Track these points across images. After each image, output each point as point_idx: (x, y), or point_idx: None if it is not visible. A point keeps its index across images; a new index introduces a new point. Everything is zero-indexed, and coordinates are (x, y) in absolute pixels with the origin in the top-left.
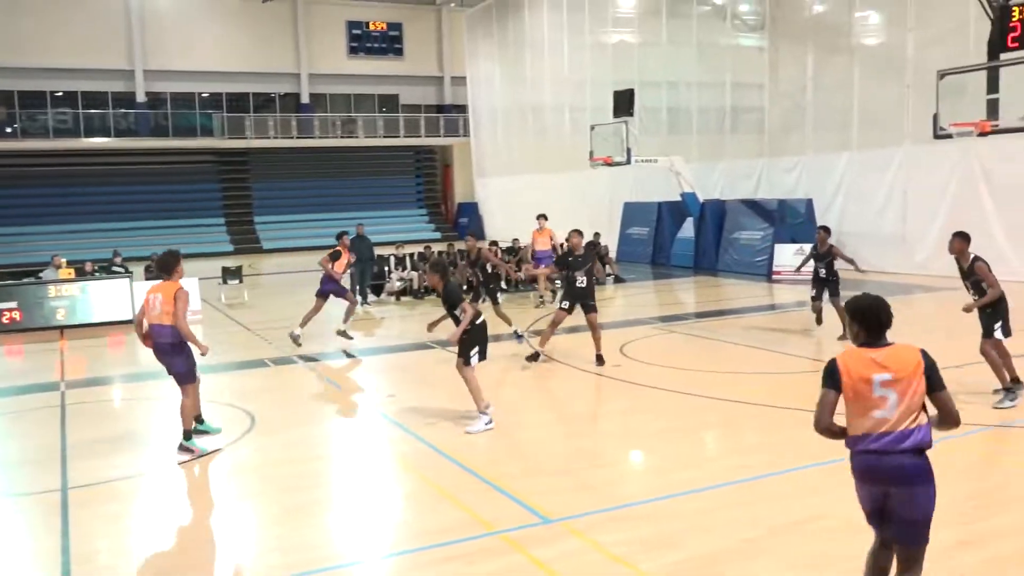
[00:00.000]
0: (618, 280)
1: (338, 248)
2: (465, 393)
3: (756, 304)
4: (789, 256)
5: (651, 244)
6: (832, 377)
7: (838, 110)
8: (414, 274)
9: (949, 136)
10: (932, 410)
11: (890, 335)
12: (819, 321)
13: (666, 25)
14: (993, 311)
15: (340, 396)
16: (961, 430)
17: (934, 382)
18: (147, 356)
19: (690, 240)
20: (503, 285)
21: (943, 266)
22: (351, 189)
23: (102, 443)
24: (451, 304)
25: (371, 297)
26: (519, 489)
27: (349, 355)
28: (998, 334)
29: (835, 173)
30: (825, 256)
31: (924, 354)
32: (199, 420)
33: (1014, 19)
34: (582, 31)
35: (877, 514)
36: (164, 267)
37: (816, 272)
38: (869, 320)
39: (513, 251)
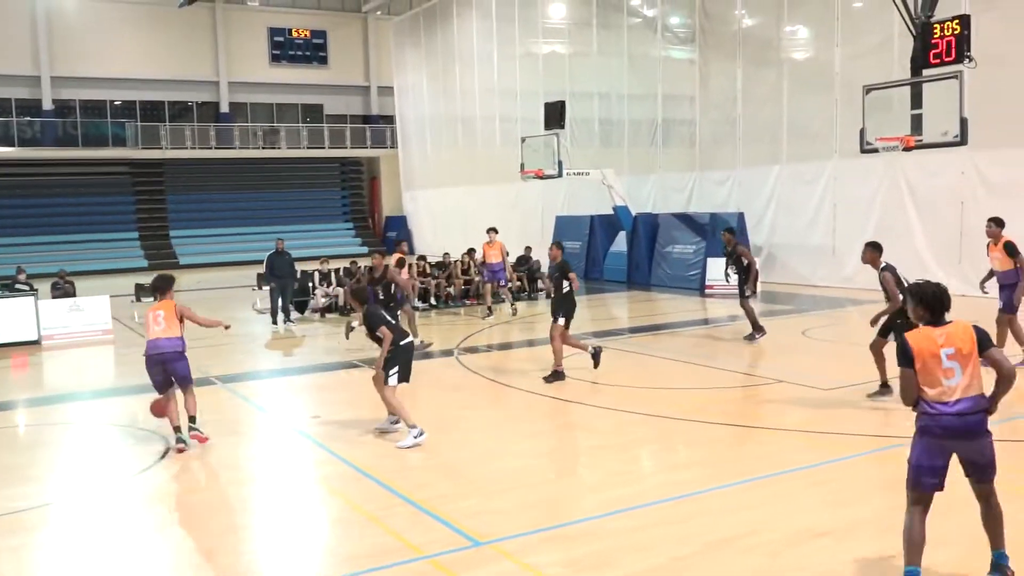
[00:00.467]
0: (550, 295)
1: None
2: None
3: (689, 319)
4: (722, 270)
5: (584, 258)
6: (906, 356)
7: (768, 123)
8: (339, 290)
9: (875, 150)
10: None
11: (814, 345)
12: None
13: (597, 36)
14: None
15: (262, 418)
16: (888, 443)
17: (984, 343)
18: (52, 379)
19: (623, 254)
20: (418, 303)
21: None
22: (273, 202)
23: (4, 471)
24: (370, 328)
25: (294, 315)
26: (449, 511)
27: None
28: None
29: (766, 186)
30: (731, 255)
31: (976, 328)
32: (192, 420)
33: (936, 36)
34: (512, 41)
35: (943, 470)
36: (160, 288)
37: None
38: (933, 304)
39: (443, 266)
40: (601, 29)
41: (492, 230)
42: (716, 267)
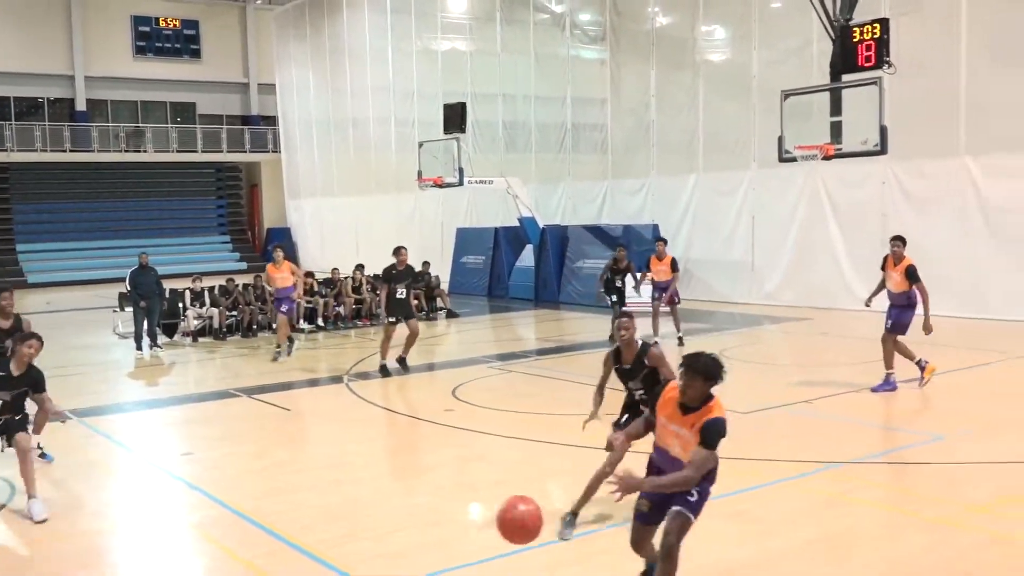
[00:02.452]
0: (451, 315)
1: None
2: (275, 445)
3: (601, 339)
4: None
5: (487, 274)
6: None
7: (683, 129)
8: (214, 311)
9: (794, 159)
10: None
11: (731, 366)
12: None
13: (501, 33)
14: None
15: (126, 457)
16: (805, 468)
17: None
18: None
19: (530, 270)
20: (304, 325)
21: (793, 296)
22: (137, 212)
23: None
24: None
25: (161, 339)
26: (338, 557)
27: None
28: None
29: (682, 196)
30: (622, 272)
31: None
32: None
33: (855, 40)
34: (408, 36)
35: None
36: None
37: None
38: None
39: (331, 283)
40: (506, 25)
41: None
42: (629, 283)
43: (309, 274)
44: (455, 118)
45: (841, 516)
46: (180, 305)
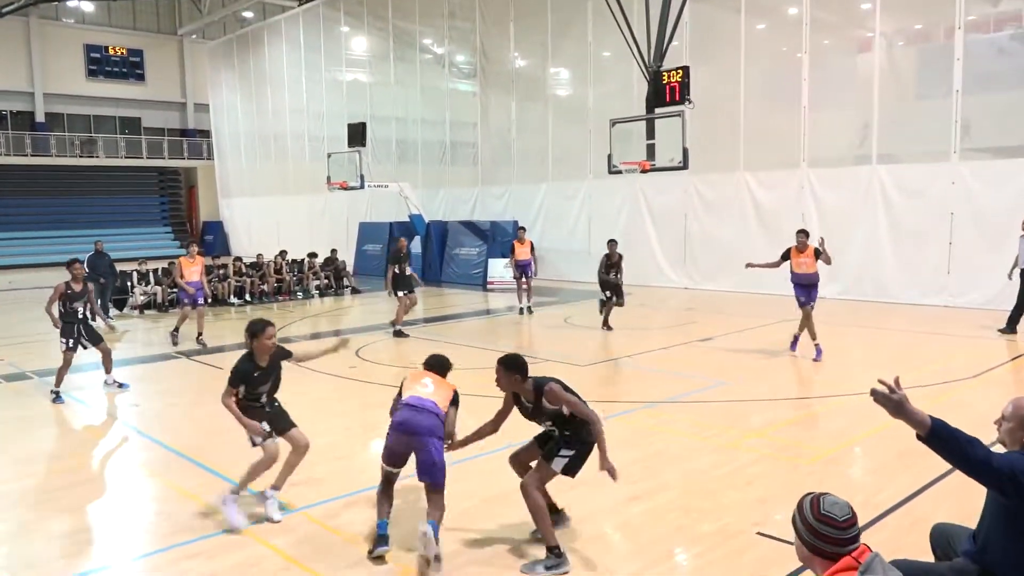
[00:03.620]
0: (355, 291)
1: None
2: (209, 398)
3: (474, 310)
4: (500, 269)
5: (383, 259)
6: None
7: (537, 148)
8: (158, 288)
9: (620, 172)
10: None
11: (573, 330)
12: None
13: (394, 68)
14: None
15: (82, 410)
16: (628, 407)
17: None
18: None
19: (418, 256)
20: (234, 299)
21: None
22: (92, 208)
23: None
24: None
25: (113, 311)
26: (264, 485)
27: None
28: None
29: (536, 200)
30: (616, 266)
31: None
32: None
33: (664, 81)
34: (319, 69)
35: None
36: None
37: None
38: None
39: (257, 266)
40: (398, 62)
41: (193, 242)
42: (496, 266)
43: (237, 258)
44: (357, 135)
45: (655, 443)
46: (129, 284)
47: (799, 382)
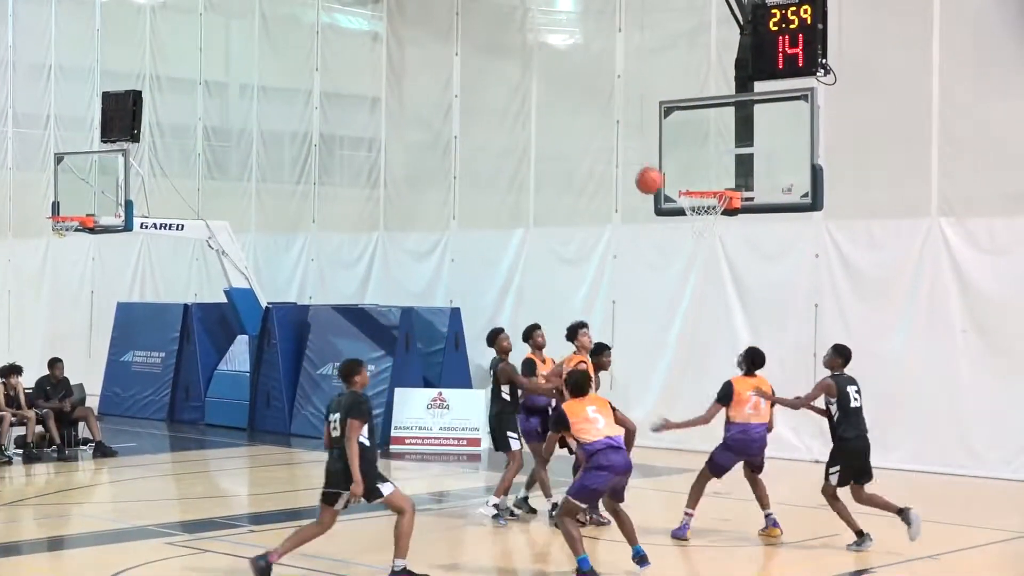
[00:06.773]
0: (103, 451)
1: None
2: None
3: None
4: (418, 408)
5: (170, 384)
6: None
7: (505, 154)
8: None
9: (680, 211)
10: None
11: None
12: None
13: None
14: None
15: None
16: None
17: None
18: None
19: (243, 377)
20: None
21: None
22: None
23: None
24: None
25: None
26: None
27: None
28: None
29: (501, 263)
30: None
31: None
32: None
33: (773, 28)
34: None
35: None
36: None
37: None
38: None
39: None
40: None
41: None
42: (412, 402)
43: None
44: (122, 115)
45: None
46: None
47: None
